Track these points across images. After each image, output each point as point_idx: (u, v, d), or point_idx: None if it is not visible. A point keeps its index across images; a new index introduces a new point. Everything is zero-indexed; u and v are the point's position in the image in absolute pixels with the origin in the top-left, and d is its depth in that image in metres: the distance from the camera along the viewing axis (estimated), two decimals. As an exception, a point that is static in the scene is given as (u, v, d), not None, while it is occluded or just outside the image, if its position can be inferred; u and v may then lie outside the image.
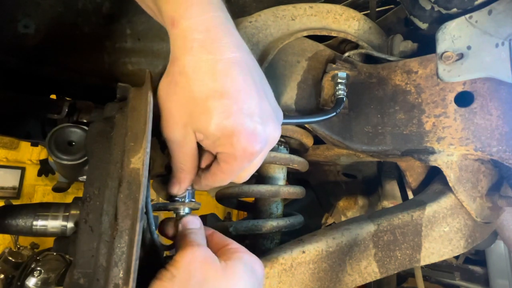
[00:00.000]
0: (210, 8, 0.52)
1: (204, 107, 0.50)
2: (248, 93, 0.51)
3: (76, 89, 1.00)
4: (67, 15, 0.91)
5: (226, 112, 0.49)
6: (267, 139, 0.53)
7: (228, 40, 0.52)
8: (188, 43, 0.51)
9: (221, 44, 0.51)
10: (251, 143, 0.50)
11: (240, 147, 0.51)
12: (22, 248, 3.35)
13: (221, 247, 0.61)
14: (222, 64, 0.50)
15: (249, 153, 0.52)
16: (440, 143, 0.88)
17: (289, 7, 0.90)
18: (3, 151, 4.85)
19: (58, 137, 0.79)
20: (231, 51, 0.51)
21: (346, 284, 0.83)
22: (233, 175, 0.58)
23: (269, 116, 0.54)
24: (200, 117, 0.51)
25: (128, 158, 0.55)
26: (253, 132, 0.50)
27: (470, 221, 0.90)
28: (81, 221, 0.53)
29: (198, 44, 0.50)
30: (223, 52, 0.51)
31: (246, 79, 0.51)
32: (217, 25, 0.52)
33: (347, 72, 0.85)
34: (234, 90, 0.50)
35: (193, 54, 0.50)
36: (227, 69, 0.50)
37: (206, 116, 0.50)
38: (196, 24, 0.50)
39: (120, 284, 0.49)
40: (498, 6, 0.80)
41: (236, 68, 0.51)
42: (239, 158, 0.53)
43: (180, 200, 0.64)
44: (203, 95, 0.50)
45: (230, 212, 6.18)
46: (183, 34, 0.51)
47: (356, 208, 1.47)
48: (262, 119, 0.52)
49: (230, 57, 0.51)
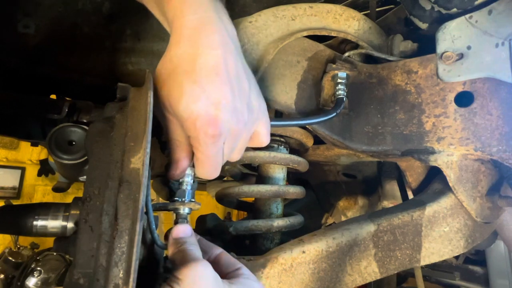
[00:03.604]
0: (202, 10, 0.60)
1: (179, 90, 0.57)
2: (219, 86, 0.57)
3: (76, 89, 1.00)
4: (67, 15, 0.91)
5: (194, 97, 0.56)
6: (229, 128, 0.59)
7: (212, 38, 0.59)
8: (178, 37, 0.59)
9: (205, 41, 0.58)
10: (211, 127, 0.56)
11: (202, 130, 0.56)
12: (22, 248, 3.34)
13: (230, 270, 0.62)
14: (203, 58, 0.57)
15: (210, 135, 0.57)
16: (440, 143, 0.88)
17: (289, 7, 0.90)
18: (3, 151, 4.84)
19: (59, 136, 0.79)
20: (212, 48, 0.58)
21: (346, 284, 0.83)
22: (207, 159, 0.61)
23: (237, 109, 0.59)
24: (174, 97, 0.58)
25: (128, 158, 0.55)
26: (215, 118, 0.56)
27: (470, 221, 0.90)
28: (81, 221, 0.53)
29: (185, 38, 0.58)
30: (204, 48, 0.58)
31: (221, 74, 0.58)
32: (205, 24, 0.59)
33: (347, 72, 0.85)
34: (206, 81, 0.56)
35: (180, 46, 0.58)
36: (205, 63, 0.57)
37: (178, 96, 0.57)
38: (187, 22, 0.59)
39: (120, 284, 0.49)
40: (498, 6, 0.80)
41: (213, 64, 0.57)
42: (202, 141, 0.58)
43: (180, 200, 0.64)
44: (181, 80, 0.57)
45: (230, 212, 6.18)
46: (177, 30, 0.59)
47: (356, 208, 1.47)
48: (227, 110, 0.58)
49: (209, 54, 0.58)
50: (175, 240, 0.60)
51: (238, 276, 0.59)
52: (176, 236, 0.60)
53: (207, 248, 0.65)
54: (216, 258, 0.64)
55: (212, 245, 0.67)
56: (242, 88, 0.61)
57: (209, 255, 0.65)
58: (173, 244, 0.59)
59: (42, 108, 0.90)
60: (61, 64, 0.93)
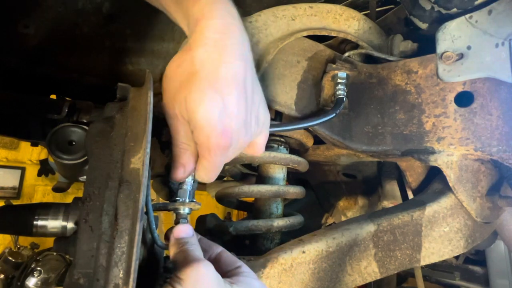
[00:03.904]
0: (229, 16, 0.60)
1: (200, 96, 0.55)
2: (237, 98, 0.57)
3: (76, 89, 1.00)
4: (67, 15, 0.91)
5: (214, 107, 0.55)
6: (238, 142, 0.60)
7: (237, 48, 0.59)
8: (204, 39, 0.58)
9: (230, 49, 0.58)
10: (224, 139, 0.57)
11: (215, 140, 0.56)
12: (22, 248, 3.34)
13: (230, 268, 0.62)
14: (226, 67, 0.57)
15: (222, 147, 0.57)
16: (440, 143, 0.88)
17: (289, 7, 0.90)
18: (3, 151, 4.84)
19: (59, 136, 0.79)
20: (235, 58, 0.58)
21: (346, 284, 0.83)
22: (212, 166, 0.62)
23: (247, 122, 0.60)
24: (193, 101, 0.56)
25: (128, 158, 0.55)
26: (228, 130, 0.57)
27: (470, 221, 0.90)
28: (81, 221, 0.53)
29: (212, 42, 0.57)
30: (229, 57, 0.58)
31: (240, 86, 0.58)
32: (232, 31, 0.59)
33: (347, 72, 0.85)
34: (227, 91, 0.56)
35: (205, 49, 0.57)
36: (228, 73, 0.57)
37: (198, 103, 0.55)
38: (216, 25, 0.58)
39: (120, 284, 0.49)
40: (498, 6, 0.80)
41: (235, 75, 0.58)
42: (213, 151, 0.58)
43: (180, 200, 0.64)
44: (203, 86, 0.56)
45: (230, 212, 6.18)
46: (202, 31, 0.58)
47: (356, 208, 1.47)
48: (239, 123, 0.58)
49: (232, 64, 0.58)
50: (177, 240, 0.60)
51: (239, 274, 0.60)
52: (178, 236, 0.60)
53: (207, 247, 0.66)
54: (216, 256, 0.65)
55: (213, 244, 0.67)
56: (254, 101, 0.62)
57: (210, 253, 0.65)
58: (175, 244, 0.59)
59: (42, 108, 0.90)
60: (61, 64, 0.93)
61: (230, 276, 0.59)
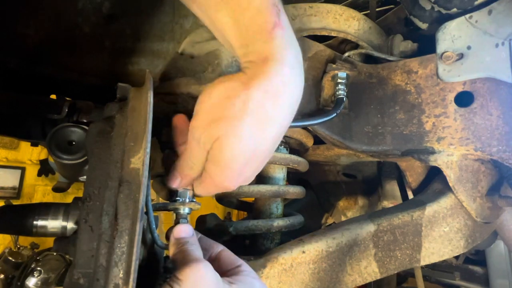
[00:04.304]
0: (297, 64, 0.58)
1: (238, 140, 0.53)
2: (263, 159, 0.58)
3: (76, 89, 1.00)
4: (67, 15, 0.91)
5: (243, 158, 0.55)
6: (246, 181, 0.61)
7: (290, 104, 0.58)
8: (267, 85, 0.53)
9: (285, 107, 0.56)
10: (232, 185, 0.59)
11: (225, 184, 0.58)
12: (22, 248, 3.34)
13: (231, 267, 0.62)
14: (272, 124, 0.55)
15: (227, 188, 0.59)
16: (440, 143, 0.88)
17: (289, 7, 0.90)
18: (3, 151, 4.84)
19: (59, 136, 0.79)
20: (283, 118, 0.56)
21: (346, 284, 0.83)
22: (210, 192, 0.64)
23: (248, 178, 0.61)
24: (228, 143, 0.54)
25: (128, 158, 0.55)
26: (240, 180, 0.59)
27: (470, 221, 0.90)
28: (81, 221, 0.53)
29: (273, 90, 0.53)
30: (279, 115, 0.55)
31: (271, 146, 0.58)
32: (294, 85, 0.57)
33: (347, 72, 0.85)
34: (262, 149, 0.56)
35: (264, 97, 0.53)
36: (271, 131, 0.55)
37: (232, 146, 0.54)
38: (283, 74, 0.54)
39: (120, 284, 0.49)
40: (498, 6, 0.80)
41: (275, 135, 0.56)
42: (218, 188, 0.60)
43: (180, 200, 0.64)
44: (246, 133, 0.53)
45: (230, 212, 6.18)
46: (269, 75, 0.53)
47: (356, 208, 1.47)
48: (251, 177, 0.60)
49: (279, 123, 0.56)
50: (177, 240, 0.60)
51: (239, 274, 0.60)
52: (178, 236, 0.60)
53: (208, 246, 0.66)
54: (217, 255, 0.65)
55: (213, 243, 0.67)
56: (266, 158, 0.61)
57: (210, 253, 0.65)
58: (174, 244, 0.59)
59: (42, 108, 0.90)
60: (61, 64, 0.93)
61: (230, 275, 0.59)
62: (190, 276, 0.52)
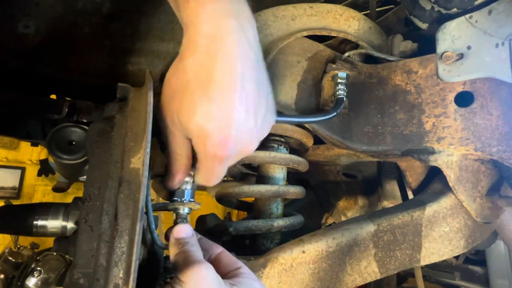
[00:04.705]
0: (220, 16, 0.54)
1: (191, 106, 0.54)
2: (234, 105, 0.54)
3: (76, 89, 1.00)
4: (67, 15, 0.91)
5: (207, 116, 0.53)
6: (239, 150, 0.57)
7: (231, 48, 0.54)
8: (194, 47, 0.54)
9: (223, 53, 0.54)
10: (221, 149, 0.54)
11: (211, 150, 0.55)
12: (22, 248, 3.34)
13: (230, 269, 0.61)
14: (219, 73, 0.53)
15: (219, 157, 0.56)
16: (440, 143, 0.88)
17: (289, 7, 0.90)
18: (3, 151, 4.84)
19: (59, 136, 0.79)
20: (230, 62, 0.54)
21: (346, 284, 0.83)
22: (210, 173, 0.61)
23: (250, 130, 0.57)
24: (186, 112, 0.55)
25: (128, 158, 0.55)
26: (226, 139, 0.54)
27: (470, 221, 0.90)
28: (81, 221, 0.53)
29: (202, 49, 0.54)
30: (222, 62, 0.53)
31: (237, 92, 0.54)
32: (224, 33, 0.54)
33: (347, 72, 0.85)
34: (221, 99, 0.53)
35: (196, 57, 0.54)
36: (222, 79, 0.53)
37: (190, 113, 0.54)
38: (204, 30, 0.54)
39: (120, 284, 0.49)
40: (498, 6, 0.80)
41: (230, 80, 0.53)
42: (210, 160, 0.57)
43: (180, 200, 0.64)
44: (195, 95, 0.54)
45: (230, 212, 6.18)
46: (191, 38, 0.55)
47: (356, 208, 1.47)
48: (240, 131, 0.55)
49: (228, 68, 0.53)
50: (177, 241, 0.60)
51: (239, 276, 0.59)
52: (177, 236, 0.60)
53: (207, 247, 0.65)
54: (216, 257, 0.64)
55: (213, 244, 0.67)
56: (260, 105, 0.58)
57: (210, 254, 0.65)
58: (175, 245, 0.59)
59: (42, 108, 0.90)
60: (61, 64, 0.93)
61: (230, 277, 0.59)
62: (192, 277, 0.52)
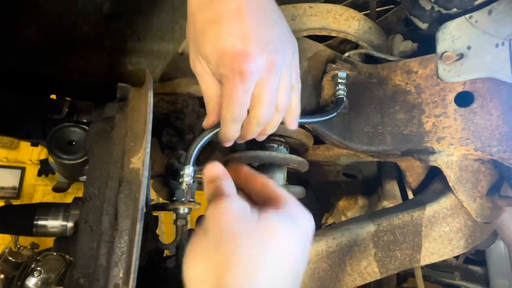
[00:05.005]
0: None
1: (202, 35, 0.55)
2: (241, 19, 0.53)
3: (76, 89, 1.00)
4: (67, 15, 0.91)
5: (218, 36, 0.53)
6: (261, 63, 0.54)
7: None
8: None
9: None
10: (241, 62, 0.52)
11: (230, 66, 0.53)
12: (22, 248, 3.34)
13: (266, 195, 0.57)
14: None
15: (239, 72, 0.53)
16: (440, 143, 0.88)
17: (289, 7, 0.90)
18: (3, 151, 4.84)
19: (59, 136, 0.79)
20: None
21: (346, 284, 0.83)
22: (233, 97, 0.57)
23: (266, 40, 0.54)
24: (201, 44, 0.56)
25: (128, 158, 0.55)
26: (243, 52, 0.52)
27: (470, 221, 0.90)
28: (81, 221, 0.53)
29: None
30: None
31: (243, 7, 0.54)
32: None
33: (347, 72, 0.85)
34: (225, 16, 0.53)
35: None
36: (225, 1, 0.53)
37: (204, 42, 0.55)
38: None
39: (120, 284, 0.49)
40: (498, 6, 0.80)
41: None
42: (231, 78, 0.54)
43: (180, 200, 0.64)
44: (201, 25, 0.55)
45: (230, 212, 6.17)
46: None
47: (356, 208, 1.47)
48: (257, 43, 0.53)
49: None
50: (208, 179, 0.57)
51: (274, 204, 0.54)
52: (208, 174, 0.58)
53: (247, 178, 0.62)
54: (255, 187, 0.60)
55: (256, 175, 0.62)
56: (272, 19, 0.57)
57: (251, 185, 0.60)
58: (207, 183, 0.57)
59: (42, 108, 0.90)
60: (61, 64, 0.93)
61: (265, 202, 0.55)
62: (213, 212, 0.50)
